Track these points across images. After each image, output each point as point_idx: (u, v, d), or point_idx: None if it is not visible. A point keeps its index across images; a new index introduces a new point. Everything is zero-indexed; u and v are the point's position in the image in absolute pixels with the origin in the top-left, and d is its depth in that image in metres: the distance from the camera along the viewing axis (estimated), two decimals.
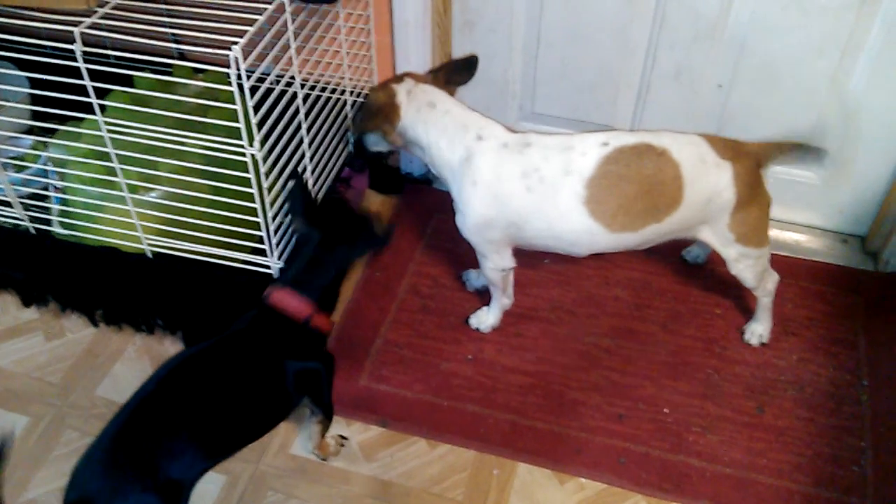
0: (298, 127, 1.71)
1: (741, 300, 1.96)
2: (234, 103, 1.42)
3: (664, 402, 1.77)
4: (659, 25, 1.95)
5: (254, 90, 1.43)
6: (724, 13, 1.87)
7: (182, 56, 2.20)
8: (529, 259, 2.04)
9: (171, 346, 1.91)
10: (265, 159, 1.54)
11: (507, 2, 2.02)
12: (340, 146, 2.01)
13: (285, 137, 1.65)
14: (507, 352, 1.88)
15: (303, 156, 1.74)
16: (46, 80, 1.51)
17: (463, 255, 1.79)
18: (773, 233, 2.14)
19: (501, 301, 1.89)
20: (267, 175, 1.56)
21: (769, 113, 1.99)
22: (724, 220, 1.62)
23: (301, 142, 1.73)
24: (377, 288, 2.05)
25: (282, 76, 1.60)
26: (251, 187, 1.55)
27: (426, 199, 2.30)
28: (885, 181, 2.02)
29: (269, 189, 1.61)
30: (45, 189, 1.89)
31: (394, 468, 1.68)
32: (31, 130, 2.04)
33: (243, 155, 1.50)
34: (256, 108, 1.45)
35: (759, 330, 1.88)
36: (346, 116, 2.01)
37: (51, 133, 1.78)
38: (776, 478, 1.63)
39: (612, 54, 2.03)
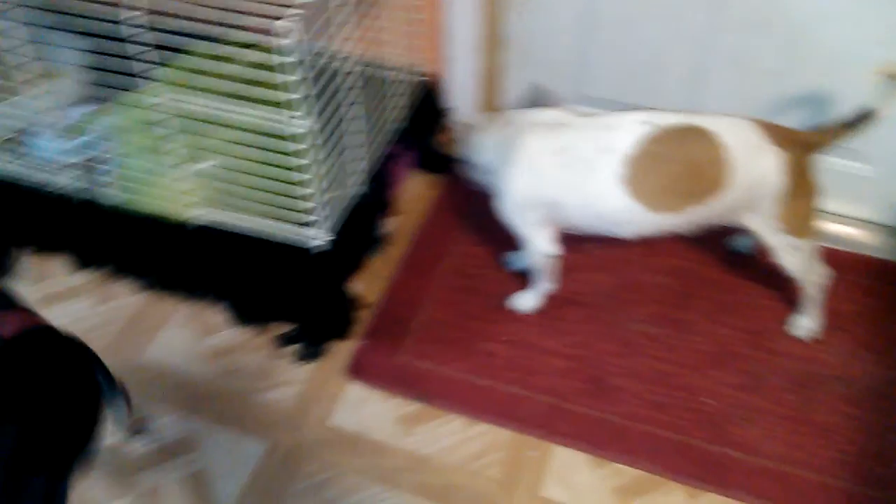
0: (347, 102, 1.72)
1: (790, 293, 1.92)
2: (286, 76, 1.43)
3: (705, 392, 1.75)
4: (716, 9, 1.91)
5: (305, 64, 1.43)
6: None
7: (235, 28, 2.21)
8: (573, 244, 2.03)
9: (216, 314, 1.95)
10: (315, 134, 1.55)
11: None
12: (388, 123, 2.01)
13: (335, 112, 1.66)
14: (548, 335, 1.88)
15: (352, 130, 1.75)
16: (102, 50, 1.54)
17: (506, 236, 1.79)
18: (823, 225, 2.10)
19: (543, 286, 1.88)
20: (317, 149, 1.57)
21: (825, 101, 1.94)
22: (771, 207, 1.59)
23: (350, 117, 1.74)
24: (419, 266, 2.05)
25: (333, 51, 1.61)
26: (301, 160, 1.56)
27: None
28: None
29: (320, 163, 1.62)
30: (98, 157, 1.92)
31: (431, 444, 1.69)
32: (85, 99, 2.07)
33: (294, 128, 1.51)
34: (308, 83, 1.46)
35: (806, 323, 1.84)
36: (393, 94, 2.02)
37: (105, 102, 1.81)
38: (817, 473, 1.61)
39: (666, 37, 2.00)
